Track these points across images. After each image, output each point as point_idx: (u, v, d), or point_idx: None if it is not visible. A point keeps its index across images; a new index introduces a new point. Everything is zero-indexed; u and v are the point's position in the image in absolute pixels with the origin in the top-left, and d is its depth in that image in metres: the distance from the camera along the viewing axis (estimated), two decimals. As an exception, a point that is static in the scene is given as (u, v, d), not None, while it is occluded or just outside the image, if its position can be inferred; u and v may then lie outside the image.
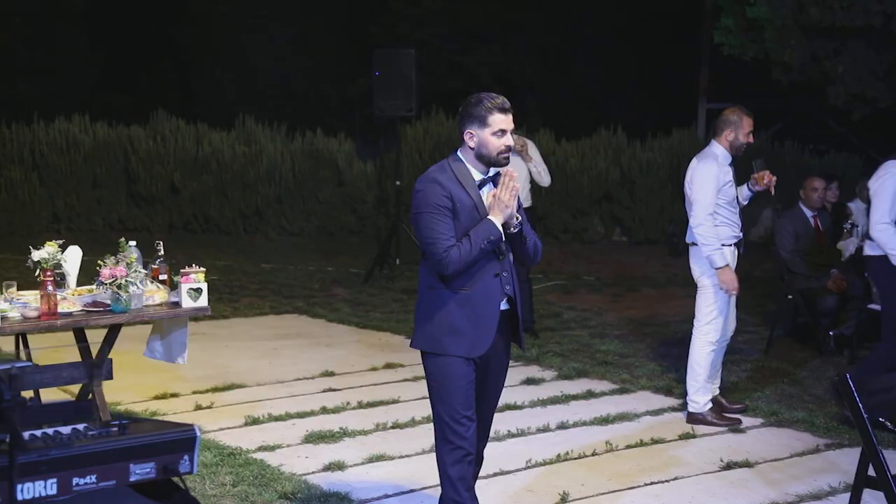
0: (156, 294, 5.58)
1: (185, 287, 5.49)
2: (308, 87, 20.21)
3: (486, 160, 4.07)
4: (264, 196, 15.33)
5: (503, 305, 4.15)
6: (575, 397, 7.00)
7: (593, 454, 5.82)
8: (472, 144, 4.06)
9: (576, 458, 5.75)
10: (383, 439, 6.04)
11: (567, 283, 11.82)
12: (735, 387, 7.19)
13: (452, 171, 4.06)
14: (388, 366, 7.81)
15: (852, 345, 8.08)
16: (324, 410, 6.58)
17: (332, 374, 7.54)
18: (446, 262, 3.94)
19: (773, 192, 6.54)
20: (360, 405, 6.73)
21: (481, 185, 4.11)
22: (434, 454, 5.69)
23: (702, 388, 6.43)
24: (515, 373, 7.64)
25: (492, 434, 6.07)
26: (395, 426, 6.29)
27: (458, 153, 4.13)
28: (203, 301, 5.55)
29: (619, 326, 9.39)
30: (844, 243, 8.77)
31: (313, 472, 5.44)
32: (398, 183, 12.43)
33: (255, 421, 6.33)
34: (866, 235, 8.10)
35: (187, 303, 5.50)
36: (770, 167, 6.65)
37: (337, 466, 5.51)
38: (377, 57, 12.17)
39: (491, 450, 5.86)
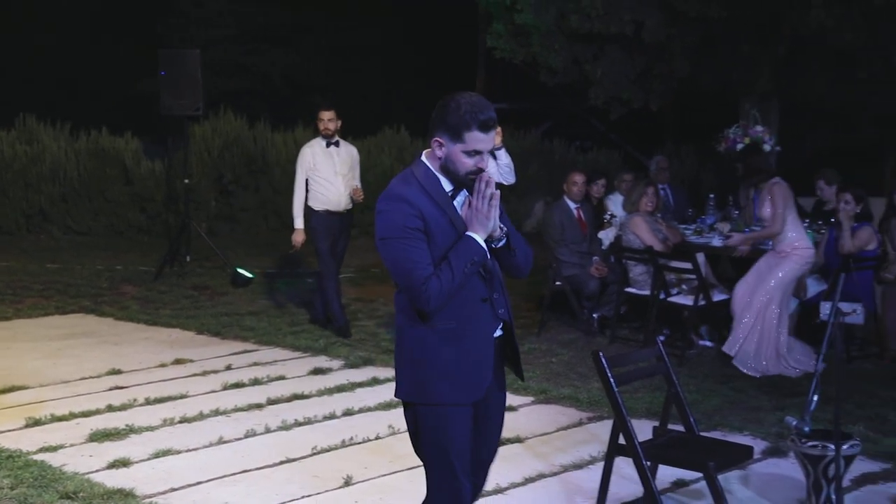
0: (-75, 298, 5.21)
1: (-44, 290, 5.15)
2: (94, 86, 19.37)
3: (451, 176, 3.37)
4: (48, 195, 14.56)
5: (497, 332, 3.49)
6: (361, 385, 7.03)
7: (377, 438, 5.86)
8: (439, 154, 3.35)
9: (360, 443, 5.78)
10: (171, 434, 5.88)
11: (355, 275, 11.84)
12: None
13: (419, 182, 3.35)
14: (178, 361, 7.59)
15: (613, 325, 8.49)
16: (110, 408, 6.33)
17: (119, 371, 7.26)
18: (426, 296, 3.24)
19: None
20: (148, 401, 6.52)
21: (454, 195, 3.41)
22: (221, 446, 5.66)
23: None
24: (304, 364, 7.62)
25: (279, 423, 6.09)
26: (183, 420, 6.13)
27: (424, 158, 3.41)
28: (-23, 303, 5.22)
29: (404, 315, 9.48)
30: (604, 233, 9.20)
31: (97, 471, 5.23)
32: (187, 181, 12.14)
33: (36, 422, 6.01)
34: (624, 224, 8.54)
35: (-40, 306, 5.17)
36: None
37: (122, 463, 5.32)
38: (162, 57, 11.83)
39: (278, 438, 5.86)
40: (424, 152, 3.43)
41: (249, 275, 10.95)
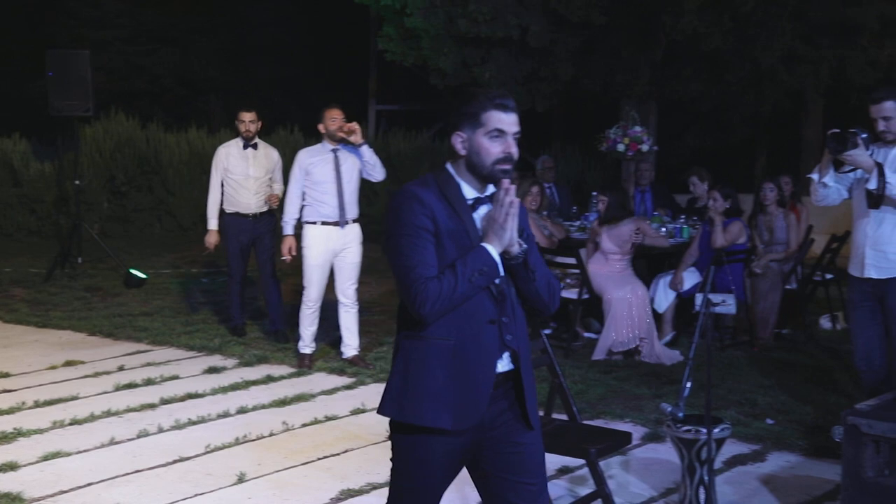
0: None
1: None
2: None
3: (478, 171, 3.02)
4: (-67, 197, 14.02)
5: (503, 364, 3.03)
6: (255, 382, 6.94)
7: (271, 434, 5.80)
8: (462, 150, 3.01)
9: (254, 440, 5.71)
10: (60, 436, 5.70)
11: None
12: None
13: (437, 186, 3.04)
14: (68, 363, 7.37)
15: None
16: (-3, 413, 6.12)
17: (7, 374, 7.01)
18: (423, 297, 2.88)
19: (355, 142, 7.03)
20: (37, 404, 6.31)
21: (476, 205, 3.06)
22: (113, 447, 5.52)
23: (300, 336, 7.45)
24: (198, 363, 7.49)
25: (172, 422, 5.97)
26: (74, 422, 5.95)
27: (448, 165, 3.09)
28: None
29: (298, 313, 9.40)
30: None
31: (-17, 476, 5.05)
32: (78, 182, 11.79)
33: (-81, 429, 5.77)
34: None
35: None
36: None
37: (9, 467, 5.13)
38: (51, 58, 11.49)
39: (171, 438, 5.75)
40: (449, 161, 3.12)
41: (143, 275, 10.71)
